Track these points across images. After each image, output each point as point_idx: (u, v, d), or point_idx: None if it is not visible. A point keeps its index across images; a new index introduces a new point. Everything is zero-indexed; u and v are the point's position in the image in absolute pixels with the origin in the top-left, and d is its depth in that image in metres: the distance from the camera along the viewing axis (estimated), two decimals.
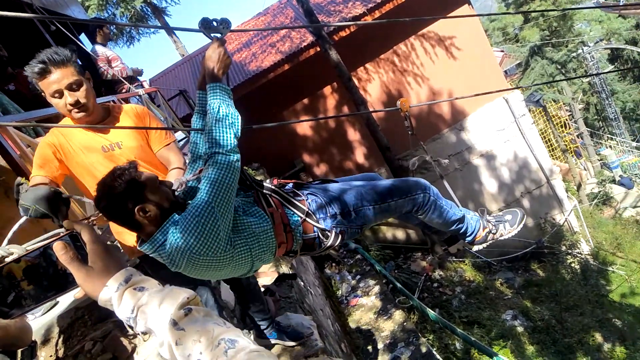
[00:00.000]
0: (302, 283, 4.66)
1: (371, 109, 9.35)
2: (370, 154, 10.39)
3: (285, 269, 4.50)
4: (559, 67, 13.99)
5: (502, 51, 24.53)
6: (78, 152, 2.02)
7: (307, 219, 1.84)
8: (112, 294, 0.92)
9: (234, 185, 1.58)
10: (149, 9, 14.46)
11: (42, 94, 1.94)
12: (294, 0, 9.23)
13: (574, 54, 16.54)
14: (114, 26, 13.17)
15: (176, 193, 1.67)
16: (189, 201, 1.63)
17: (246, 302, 2.60)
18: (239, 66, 9.58)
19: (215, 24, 1.68)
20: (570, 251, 11.28)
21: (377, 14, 8.66)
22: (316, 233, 1.86)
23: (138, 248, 1.58)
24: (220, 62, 1.70)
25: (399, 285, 6.70)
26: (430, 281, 8.96)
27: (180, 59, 13.41)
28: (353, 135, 10.41)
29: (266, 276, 4.26)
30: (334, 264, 7.17)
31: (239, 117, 1.66)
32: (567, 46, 15.45)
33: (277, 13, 11.45)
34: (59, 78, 1.87)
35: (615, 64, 26.65)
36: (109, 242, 2.68)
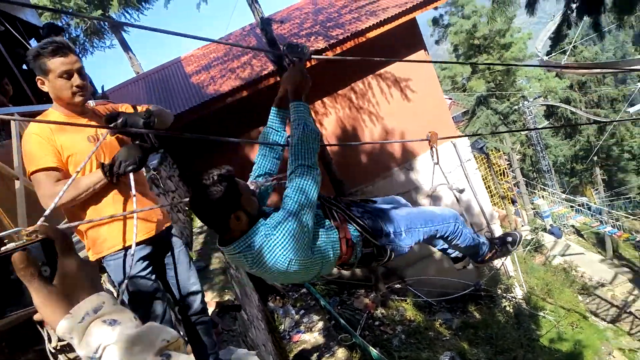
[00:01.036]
0: (245, 315, 4.47)
1: (327, 141, 9.40)
2: (322, 186, 10.38)
3: (229, 298, 4.30)
4: (502, 118, 14.90)
5: (451, 99, 25.84)
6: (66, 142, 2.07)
7: (368, 236, 1.98)
8: (75, 324, 0.72)
9: (316, 197, 1.74)
10: (106, 24, 14.05)
11: (38, 76, 2.01)
12: (257, 28, 9.27)
13: (515, 107, 17.71)
14: (67, 36, 12.66)
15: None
16: (264, 207, 1.85)
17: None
18: (195, 88, 9.40)
19: (298, 48, 1.90)
20: (505, 295, 11.69)
21: (338, 50, 8.84)
22: (372, 249, 2.03)
23: (219, 247, 1.74)
24: (302, 82, 1.88)
25: (342, 321, 6.61)
26: (372, 319, 8.91)
27: (134, 76, 13.01)
28: None
29: (209, 306, 4.05)
30: (278, 297, 6.97)
31: (320, 134, 1.83)
32: (509, 99, 16.52)
33: (239, 40, 11.46)
34: (72, 61, 2.00)
35: (550, 119, 28.78)
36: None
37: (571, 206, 23.64)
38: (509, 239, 2.78)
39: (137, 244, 2.07)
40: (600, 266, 19.78)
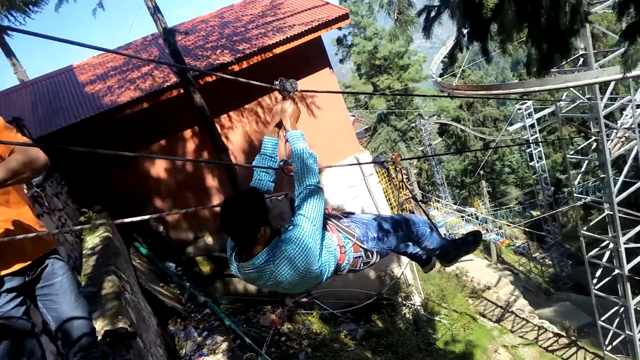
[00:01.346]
0: (142, 343, 4.17)
1: (233, 158, 9.22)
2: None
3: (123, 326, 3.98)
4: (401, 134, 15.86)
5: (354, 116, 26.89)
6: None
7: (356, 241, 2.24)
8: None
9: (323, 211, 1.96)
10: None
11: None
12: (160, 39, 8.89)
13: (413, 125, 18.92)
14: None
15: None
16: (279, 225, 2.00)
17: None
18: (91, 98, 8.72)
19: (288, 84, 2.16)
20: (405, 302, 12.28)
21: (244, 64, 8.77)
22: (361, 252, 2.28)
23: (239, 265, 1.91)
24: (297, 113, 2.24)
25: (248, 340, 6.46)
26: (278, 335, 8.81)
27: (18, 84, 11.70)
28: (211, 181, 10.10)
29: (99, 335, 3.71)
30: (179, 320, 6.62)
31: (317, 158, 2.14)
32: (407, 117, 17.60)
33: (140, 50, 10.87)
34: None
35: (444, 136, 31.21)
36: None
37: (461, 216, 25.67)
38: (471, 238, 3.04)
39: (4, 276, 1.83)
40: (486, 270, 21.69)
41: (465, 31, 3.73)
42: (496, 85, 8.52)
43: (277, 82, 2.16)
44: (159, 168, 9.50)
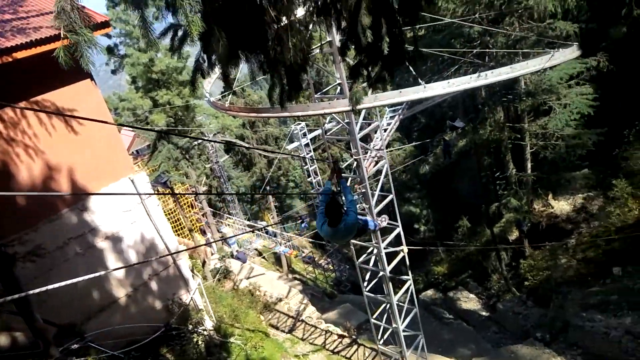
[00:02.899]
0: None
1: None
2: None
3: None
4: (183, 152, 15.24)
5: (134, 132, 24.94)
6: None
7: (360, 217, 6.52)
8: None
9: (357, 209, 5.91)
10: None
11: None
12: None
13: (196, 143, 18.46)
14: None
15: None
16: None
17: None
18: None
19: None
20: (195, 329, 11.67)
21: None
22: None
23: (332, 229, 5.44)
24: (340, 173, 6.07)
25: None
26: None
27: None
28: None
29: None
30: None
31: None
32: (190, 134, 17.08)
33: None
34: None
35: (230, 154, 31.59)
36: None
37: (252, 231, 26.26)
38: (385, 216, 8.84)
39: None
40: (278, 283, 22.59)
41: (204, 56, 3.58)
42: (265, 108, 8.98)
43: (333, 164, 6.11)
44: None
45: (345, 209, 5.42)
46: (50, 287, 3.60)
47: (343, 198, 5.72)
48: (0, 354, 8.52)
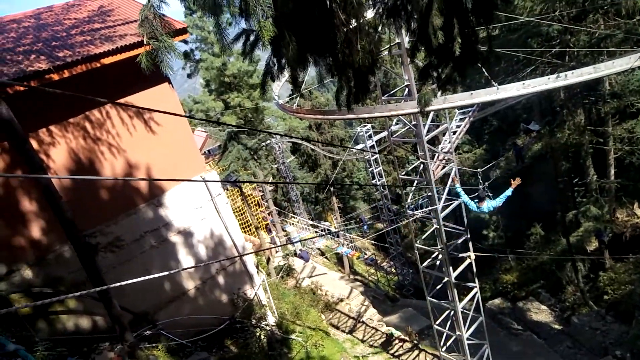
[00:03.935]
0: None
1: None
2: (50, 228, 8.78)
3: None
4: (252, 152, 15.74)
5: (206, 132, 26.10)
6: None
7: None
8: None
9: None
10: None
11: None
12: None
13: (264, 143, 18.97)
14: None
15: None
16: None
17: None
18: None
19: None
20: (259, 324, 11.99)
21: (66, 73, 7.70)
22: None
23: (480, 207, 10.37)
24: None
25: None
26: None
27: None
28: (28, 205, 8.62)
29: None
30: None
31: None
32: (258, 136, 17.59)
33: None
34: None
35: (296, 155, 32.13)
36: None
37: (315, 231, 26.52)
38: None
39: None
40: (340, 283, 22.62)
41: (274, 60, 3.65)
42: (331, 110, 9.00)
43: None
44: None
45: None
46: (130, 281, 3.86)
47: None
48: (82, 335, 9.29)
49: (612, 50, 12.50)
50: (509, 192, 9.91)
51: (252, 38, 3.69)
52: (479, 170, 11.09)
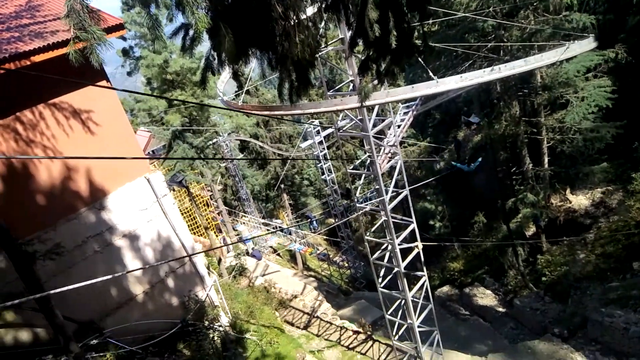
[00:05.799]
0: None
1: None
2: None
3: None
4: (198, 151, 15.42)
5: (150, 132, 25.25)
6: None
7: None
8: None
9: None
10: None
11: None
12: None
13: (211, 142, 18.62)
14: None
15: None
16: None
17: None
18: None
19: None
20: (212, 325, 11.82)
21: None
22: None
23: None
24: None
25: None
26: None
27: None
28: None
29: None
30: None
31: None
32: (204, 134, 17.24)
33: None
34: None
35: (245, 152, 31.77)
36: None
37: (267, 229, 26.38)
38: None
39: None
40: (293, 280, 22.66)
41: (214, 54, 3.61)
42: (278, 106, 8.96)
43: None
44: None
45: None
46: (71, 287, 3.70)
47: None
48: (22, 349, 8.77)
49: (542, 44, 13.25)
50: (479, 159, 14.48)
51: (191, 33, 3.62)
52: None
